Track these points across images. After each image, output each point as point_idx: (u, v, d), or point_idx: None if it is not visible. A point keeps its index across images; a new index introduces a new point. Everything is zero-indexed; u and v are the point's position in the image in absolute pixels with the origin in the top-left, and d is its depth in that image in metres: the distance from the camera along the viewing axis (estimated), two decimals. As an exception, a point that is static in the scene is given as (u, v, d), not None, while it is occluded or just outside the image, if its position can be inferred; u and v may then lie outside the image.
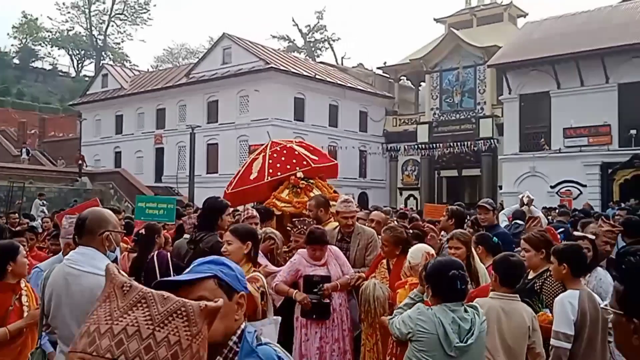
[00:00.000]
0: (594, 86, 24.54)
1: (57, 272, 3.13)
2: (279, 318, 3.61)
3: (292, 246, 5.30)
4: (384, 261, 5.09)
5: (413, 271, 4.24)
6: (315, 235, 4.90)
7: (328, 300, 4.88)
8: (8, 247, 3.88)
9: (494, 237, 5.23)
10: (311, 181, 6.91)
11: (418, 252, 4.38)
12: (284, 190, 6.75)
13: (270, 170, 7.13)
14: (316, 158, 7.40)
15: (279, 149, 7.43)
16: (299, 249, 5.15)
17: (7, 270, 3.73)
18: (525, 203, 8.51)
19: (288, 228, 5.89)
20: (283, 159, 7.35)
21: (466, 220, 7.46)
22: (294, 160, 7.31)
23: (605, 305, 1.80)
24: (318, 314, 4.87)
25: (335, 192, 7.22)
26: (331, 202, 6.27)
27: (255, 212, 5.55)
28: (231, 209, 5.68)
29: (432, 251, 4.53)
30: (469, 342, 3.09)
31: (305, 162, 7.31)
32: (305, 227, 5.29)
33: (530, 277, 4.35)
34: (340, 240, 5.66)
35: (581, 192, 24.04)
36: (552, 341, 3.64)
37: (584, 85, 24.88)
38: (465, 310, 3.18)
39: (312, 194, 6.64)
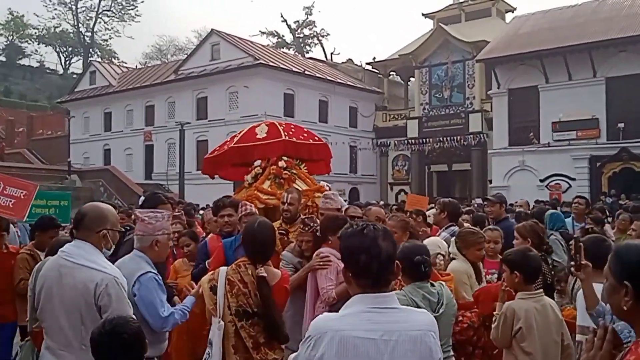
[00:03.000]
0: (582, 80, 24.70)
1: (50, 264, 3.12)
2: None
3: (303, 247, 4.58)
4: None
5: None
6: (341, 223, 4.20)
7: None
8: None
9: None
10: (294, 172, 6.47)
11: (433, 245, 4.53)
12: (265, 181, 6.27)
13: (286, 134, 6.64)
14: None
15: (283, 122, 7.07)
16: (312, 248, 4.52)
17: None
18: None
19: (280, 228, 5.28)
20: (293, 128, 6.99)
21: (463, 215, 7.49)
22: (305, 134, 6.96)
23: None
24: None
25: (317, 183, 6.71)
26: (317, 194, 6.00)
27: (253, 208, 5.02)
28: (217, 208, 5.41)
29: (445, 247, 4.83)
30: (441, 311, 3.43)
31: (317, 138, 7.07)
32: (316, 225, 4.62)
33: None
34: None
35: (570, 186, 24.22)
36: (578, 337, 3.62)
37: (572, 80, 25.04)
38: (432, 285, 3.53)
39: (295, 185, 6.19)
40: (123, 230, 3.92)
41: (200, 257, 5.14)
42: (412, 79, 34.30)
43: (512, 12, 34.32)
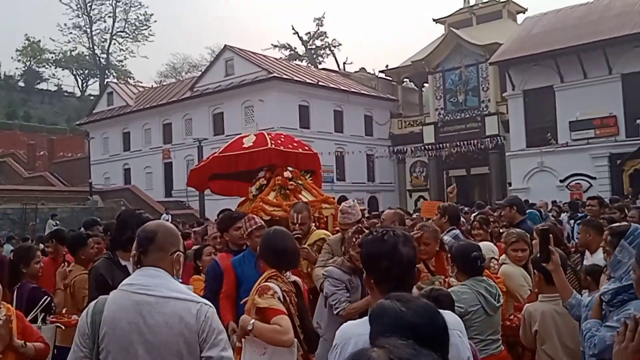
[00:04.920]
0: (597, 78, 24.52)
1: (118, 302, 2.41)
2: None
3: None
4: (420, 265, 4.48)
5: None
6: None
7: None
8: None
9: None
10: (300, 182, 6.20)
11: (487, 250, 4.63)
12: (270, 193, 6.01)
13: (273, 142, 6.39)
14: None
15: (272, 133, 6.83)
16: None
17: None
18: None
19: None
20: (282, 137, 6.73)
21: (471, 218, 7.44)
22: (295, 143, 6.71)
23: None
24: None
25: (323, 194, 6.51)
26: (324, 205, 5.77)
27: (261, 221, 4.65)
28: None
29: (497, 252, 5.04)
30: (501, 300, 3.76)
31: (307, 148, 6.79)
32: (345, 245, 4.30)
33: None
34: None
35: (591, 185, 23.98)
36: None
37: (587, 78, 24.86)
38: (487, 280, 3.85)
39: (301, 196, 5.95)
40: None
41: (211, 277, 4.70)
42: (425, 84, 34.27)
43: (524, 12, 34.18)
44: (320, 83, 32.34)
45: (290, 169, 6.20)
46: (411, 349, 1.16)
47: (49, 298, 4.32)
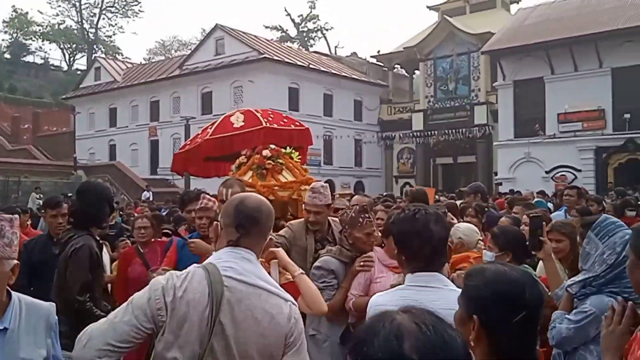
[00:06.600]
0: (588, 71, 24.58)
1: (204, 283, 1.95)
2: None
3: (375, 243, 3.72)
4: None
5: (464, 248, 4.28)
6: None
7: None
8: None
9: None
10: (280, 161, 5.71)
11: (470, 231, 4.45)
12: (247, 172, 5.59)
13: (266, 121, 6.07)
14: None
15: (259, 109, 6.54)
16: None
17: None
18: None
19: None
20: (271, 114, 6.41)
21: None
22: (285, 120, 6.45)
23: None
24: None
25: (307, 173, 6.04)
26: (303, 187, 5.40)
27: (209, 203, 4.27)
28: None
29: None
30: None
31: (298, 123, 6.49)
32: (347, 225, 3.72)
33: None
34: (319, 242, 4.25)
35: (576, 177, 24.13)
36: None
37: (577, 71, 24.92)
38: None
39: (281, 177, 5.55)
40: None
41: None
42: (417, 71, 34.22)
43: (517, 3, 34.26)
44: (311, 66, 32.15)
45: (272, 146, 5.81)
46: (436, 317, 1.15)
47: None
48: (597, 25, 23.99)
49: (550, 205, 14.24)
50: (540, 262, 4.11)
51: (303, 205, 4.45)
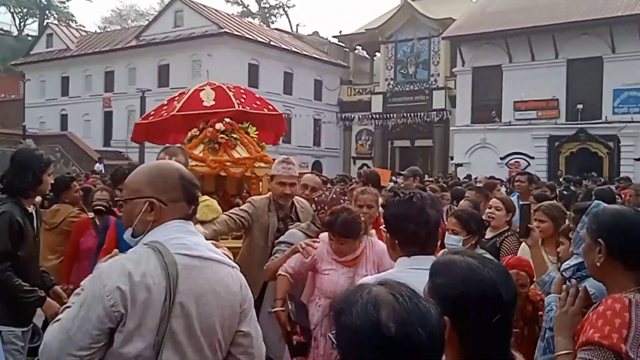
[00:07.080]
0: (544, 61, 25.09)
1: (160, 264, 1.78)
2: None
3: (366, 218, 3.67)
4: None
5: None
6: (341, 223, 3.25)
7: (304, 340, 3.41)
8: None
9: None
10: (234, 136, 5.43)
11: None
12: (198, 145, 5.34)
13: (239, 102, 5.77)
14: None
15: (230, 86, 6.22)
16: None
17: None
18: None
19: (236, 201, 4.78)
20: (244, 94, 6.15)
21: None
22: (258, 102, 6.19)
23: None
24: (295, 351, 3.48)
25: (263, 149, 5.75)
26: (257, 164, 5.29)
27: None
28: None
29: None
30: None
31: (271, 107, 6.26)
32: (327, 206, 3.61)
33: (489, 236, 4.52)
34: (282, 220, 4.18)
35: (529, 164, 24.73)
36: None
37: (534, 60, 25.40)
38: None
39: (234, 152, 5.32)
40: None
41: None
42: (377, 54, 34.24)
43: (479, -10, 34.39)
44: (272, 43, 31.79)
45: (227, 120, 5.51)
46: (411, 290, 1.19)
47: None
48: (556, 16, 24.41)
49: (503, 190, 14.56)
50: (522, 244, 4.14)
51: (271, 178, 4.30)
